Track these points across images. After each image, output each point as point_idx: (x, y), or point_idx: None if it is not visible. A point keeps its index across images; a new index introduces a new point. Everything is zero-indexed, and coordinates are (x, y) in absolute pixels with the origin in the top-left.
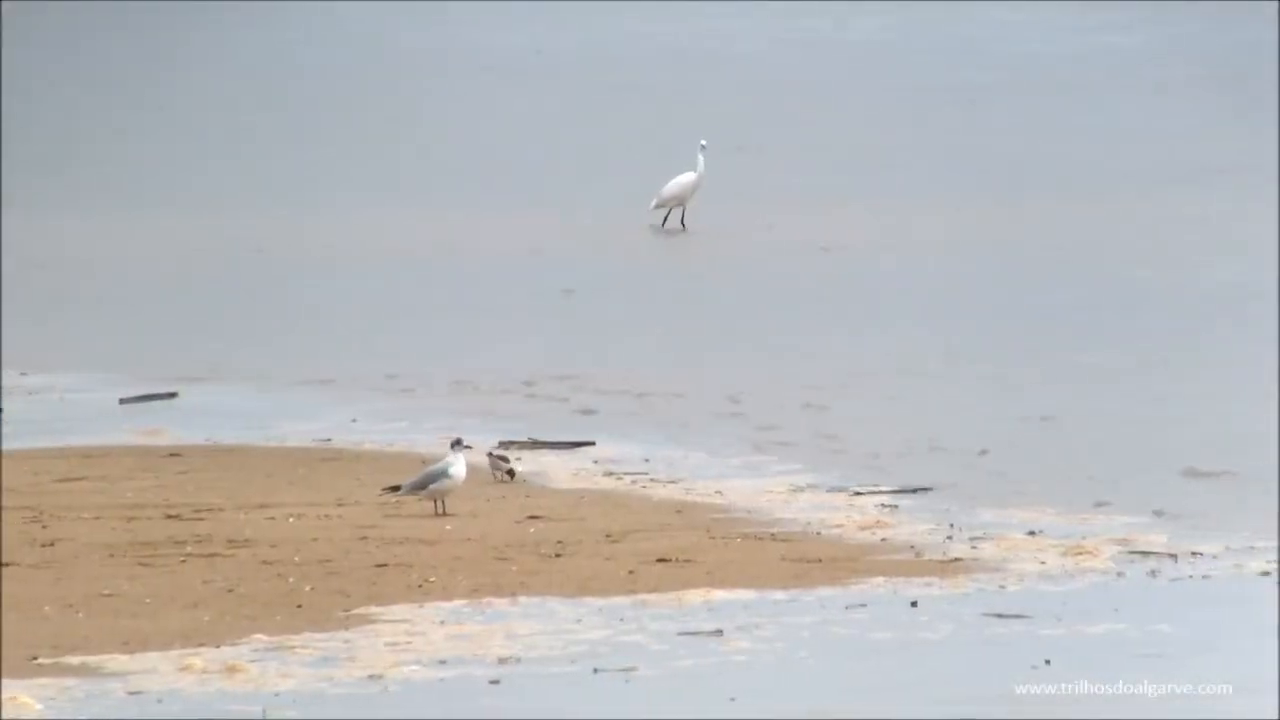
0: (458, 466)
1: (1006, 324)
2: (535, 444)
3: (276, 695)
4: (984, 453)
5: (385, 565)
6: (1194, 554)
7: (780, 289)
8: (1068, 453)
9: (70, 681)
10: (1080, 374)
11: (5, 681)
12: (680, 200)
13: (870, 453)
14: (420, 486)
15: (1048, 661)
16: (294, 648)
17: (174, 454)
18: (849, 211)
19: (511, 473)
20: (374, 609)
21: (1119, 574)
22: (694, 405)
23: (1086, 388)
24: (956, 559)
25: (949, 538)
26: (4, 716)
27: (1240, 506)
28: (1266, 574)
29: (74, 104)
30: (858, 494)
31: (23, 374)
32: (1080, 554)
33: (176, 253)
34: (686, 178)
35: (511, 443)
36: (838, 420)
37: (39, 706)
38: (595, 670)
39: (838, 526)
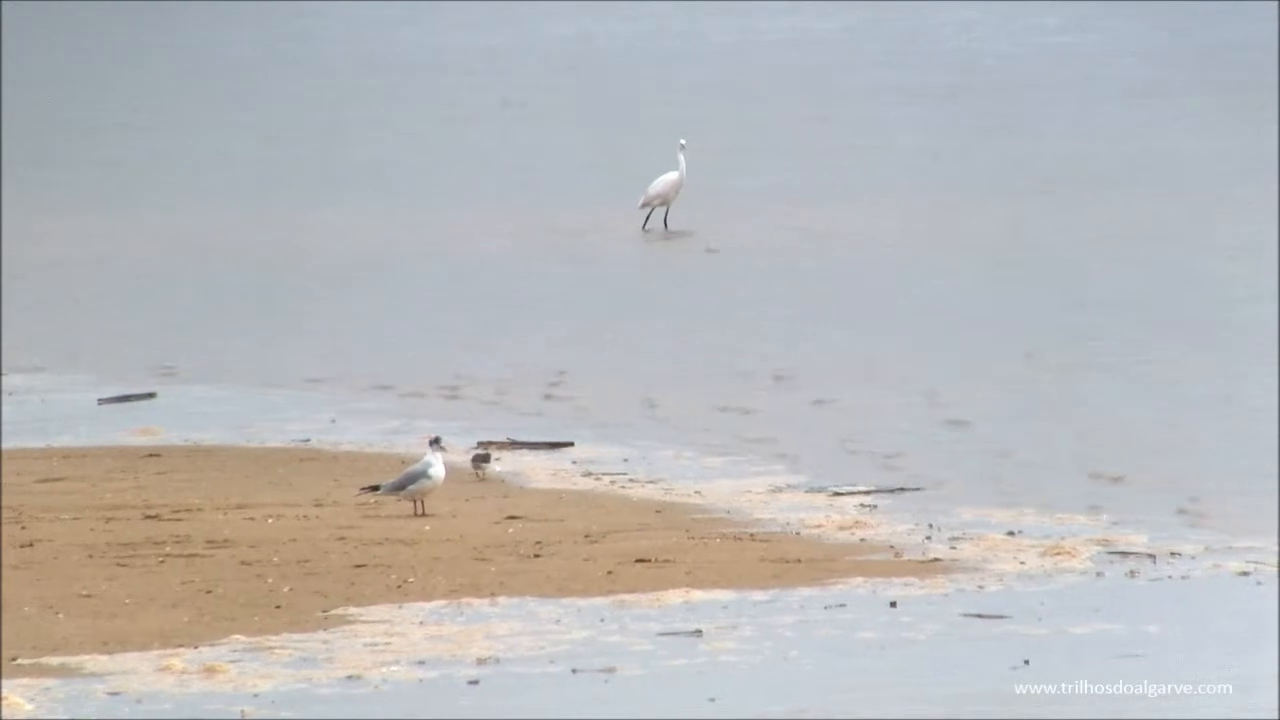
0: (437, 467)
1: (998, 324)
2: (514, 444)
3: (256, 696)
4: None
5: (364, 566)
6: (1173, 554)
7: (769, 287)
8: (1054, 451)
9: (50, 682)
10: (1049, 376)
11: None
12: (665, 199)
13: (851, 452)
14: (400, 487)
15: (1026, 662)
16: (273, 648)
17: (153, 454)
18: (833, 210)
19: (487, 458)
20: (353, 610)
21: (1098, 574)
22: (682, 405)
23: (1058, 387)
24: (936, 559)
25: (928, 538)
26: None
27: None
28: (1245, 574)
29: (51, 105)
30: (837, 494)
31: (2, 374)
32: (1059, 554)
33: (155, 253)
34: (670, 177)
35: (490, 443)
36: (822, 420)
37: (29, 706)
38: (574, 671)
39: (817, 527)
